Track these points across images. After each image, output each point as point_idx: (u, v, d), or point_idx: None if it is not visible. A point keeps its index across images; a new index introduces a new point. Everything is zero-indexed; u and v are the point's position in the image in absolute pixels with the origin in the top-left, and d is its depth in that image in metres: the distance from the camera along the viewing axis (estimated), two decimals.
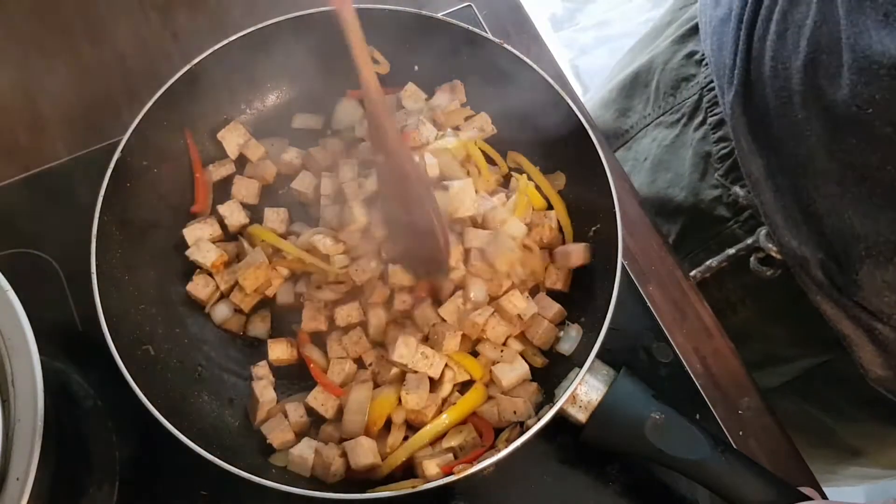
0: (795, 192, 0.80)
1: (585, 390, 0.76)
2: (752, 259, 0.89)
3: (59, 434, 0.64)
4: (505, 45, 0.88)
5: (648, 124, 1.07)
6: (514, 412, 0.78)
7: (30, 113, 1.00)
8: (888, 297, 0.76)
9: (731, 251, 0.91)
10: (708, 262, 0.94)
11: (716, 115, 0.94)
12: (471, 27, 0.89)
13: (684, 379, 0.87)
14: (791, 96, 0.77)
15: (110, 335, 0.74)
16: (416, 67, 0.95)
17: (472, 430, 0.79)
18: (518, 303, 0.82)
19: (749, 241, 0.89)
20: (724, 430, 0.85)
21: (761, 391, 0.88)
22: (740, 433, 0.86)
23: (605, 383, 0.76)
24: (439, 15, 0.92)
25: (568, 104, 0.86)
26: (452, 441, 0.78)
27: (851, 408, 0.96)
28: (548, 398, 0.79)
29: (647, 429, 0.73)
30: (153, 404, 0.72)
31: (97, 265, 0.77)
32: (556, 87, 0.86)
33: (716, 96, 0.93)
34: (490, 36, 0.90)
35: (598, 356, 0.75)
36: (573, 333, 0.82)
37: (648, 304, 0.91)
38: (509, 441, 0.72)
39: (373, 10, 0.90)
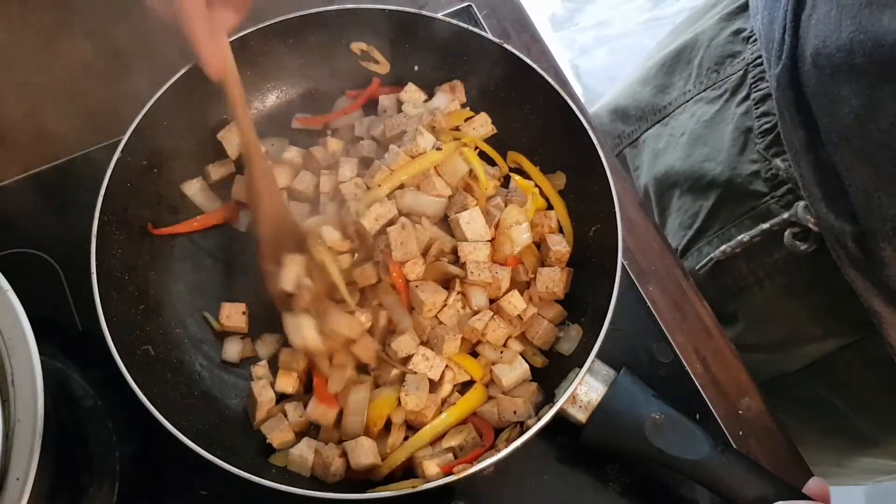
0: (832, 167, 0.80)
1: (585, 390, 0.76)
2: (787, 233, 0.89)
3: (59, 434, 0.64)
4: (505, 45, 0.88)
5: (688, 100, 1.07)
6: (514, 412, 0.78)
7: (30, 113, 1.00)
8: None
9: (766, 225, 0.91)
10: (740, 237, 0.94)
11: (760, 90, 0.94)
12: (471, 27, 0.89)
13: (684, 379, 0.88)
14: (832, 74, 0.77)
15: (110, 335, 0.74)
16: (416, 67, 0.95)
17: (472, 430, 0.79)
18: (518, 303, 0.82)
19: (786, 215, 0.89)
20: (724, 430, 0.85)
21: (775, 376, 0.87)
22: (740, 433, 0.86)
23: (604, 383, 0.76)
24: (439, 15, 0.92)
25: (568, 104, 0.86)
26: (452, 441, 0.78)
27: (872, 393, 0.96)
28: (548, 398, 0.79)
29: (646, 429, 0.73)
30: (153, 404, 0.72)
31: (97, 265, 0.77)
32: (556, 86, 0.86)
33: (761, 72, 0.94)
34: (490, 36, 0.90)
35: (597, 356, 0.76)
36: (573, 333, 0.82)
37: (648, 304, 0.91)
38: (509, 441, 0.72)
39: (373, 10, 0.90)
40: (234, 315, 0.86)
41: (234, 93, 0.79)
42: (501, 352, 0.82)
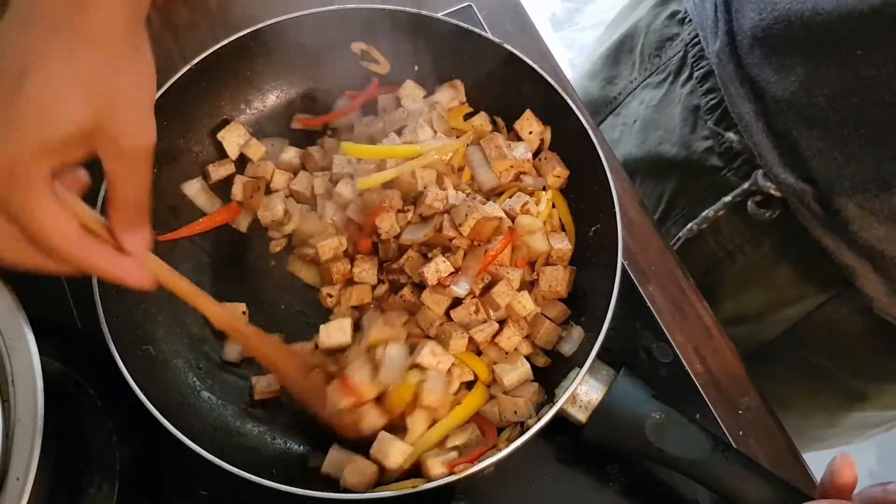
0: (785, 133, 0.81)
1: (585, 390, 0.76)
2: (749, 203, 0.90)
3: (59, 434, 0.64)
4: (504, 45, 0.88)
5: (635, 88, 1.09)
6: (515, 412, 0.78)
7: None
8: (877, 230, 0.77)
9: (728, 198, 0.92)
10: (704, 213, 0.95)
11: (702, 68, 0.96)
12: (471, 27, 0.89)
13: (684, 379, 0.88)
14: (773, 45, 0.79)
15: (111, 336, 0.74)
16: (416, 67, 0.95)
17: (476, 429, 0.79)
18: (528, 304, 0.82)
19: (745, 185, 0.90)
20: (724, 430, 0.85)
21: (759, 346, 0.87)
22: (740, 433, 0.86)
23: (604, 383, 0.76)
24: (439, 15, 0.92)
25: (568, 103, 0.86)
26: (457, 440, 0.78)
27: (854, 347, 0.96)
28: (548, 398, 0.79)
29: (647, 428, 0.73)
30: (154, 405, 0.72)
31: None
32: (556, 86, 0.87)
33: (700, 51, 0.96)
34: (490, 35, 0.90)
35: (597, 356, 0.75)
36: (575, 335, 0.82)
37: (648, 304, 0.91)
38: (510, 441, 0.72)
39: (372, 10, 0.90)
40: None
41: (182, 288, 0.71)
42: (507, 353, 0.82)
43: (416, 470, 0.77)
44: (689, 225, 0.96)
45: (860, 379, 1.00)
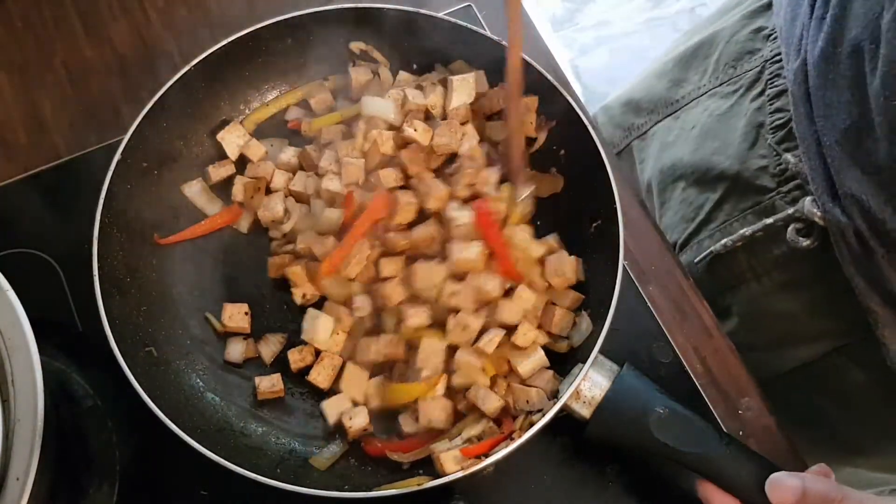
0: (836, 168, 0.81)
1: (589, 386, 0.76)
2: (790, 229, 0.89)
3: (59, 434, 0.64)
4: (505, 44, 0.88)
5: (702, 94, 1.08)
6: (528, 401, 0.78)
7: (30, 113, 1.00)
8: None
9: (770, 220, 0.91)
10: (742, 231, 0.94)
11: (776, 87, 0.95)
12: (471, 26, 0.89)
13: (684, 379, 0.87)
14: (836, 79, 0.78)
15: (113, 338, 0.74)
16: (416, 66, 0.95)
17: (489, 422, 0.79)
18: (527, 296, 0.82)
19: (791, 210, 0.89)
20: (725, 430, 0.85)
21: (768, 379, 0.88)
22: (740, 433, 0.86)
23: (608, 378, 0.76)
24: (439, 14, 0.92)
25: (569, 103, 0.86)
26: (472, 431, 0.78)
27: (863, 399, 0.96)
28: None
29: (651, 423, 0.73)
30: (157, 406, 0.72)
31: (99, 268, 0.77)
32: (557, 86, 0.87)
33: (779, 69, 0.95)
34: (490, 35, 0.90)
35: (600, 351, 0.75)
36: (584, 326, 0.82)
37: (648, 304, 0.91)
38: (514, 438, 0.72)
39: (372, 10, 0.90)
40: (236, 316, 0.86)
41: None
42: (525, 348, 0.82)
43: (427, 467, 0.77)
44: (724, 240, 0.95)
45: (862, 430, 1.00)
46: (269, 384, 0.84)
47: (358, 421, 0.80)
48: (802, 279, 0.92)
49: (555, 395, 0.78)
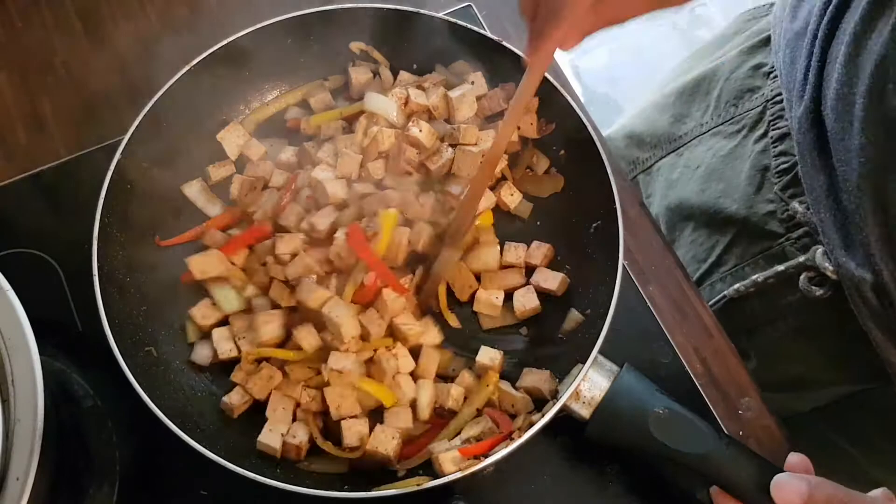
0: (852, 215, 0.79)
1: (588, 386, 0.76)
2: (802, 277, 0.87)
3: (59, 434, 0.64)
4: (504, 44, 0.88)
5: (705, 132, 1.06)
6: (512, 406, 0.78)
7: (30, 113, 1.00)
8: None
9: (781, 268, 0.90)
10: (754, 277, 0.92)
11: (778, 129, 0.93)
12: (471, 26, 0.89)
13: (684, 379, 0.87)
14: (852, 121, 0.76)
15: (113, 338, 0.74)
16: (415, 66, 0.95)
17: (489, 421, 0.79)
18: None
19: (801, 258, 0.87)
20: (725, 430, 0.85)
21: (788, 417, 0.87)
22: (740, 433, 0.86)
23: (608, 379, 0.76)
24: (440, 14, 0.92)
25: (569, 103, 0.86)
26: (471, 431, 0.78)
27: (881, 439, 0.95)
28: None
29: (650, 423, 0.74)
30: (157, 406, 0.72)
31: (99, 268, 0.77)
32: (557, 85, 0.87)
33: (780, 110, 0.93)
34: (490, 35, 0.90)
35: (599, 352, 0.75)
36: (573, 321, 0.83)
37: (648, 304, 0.91)
38: (514, 438, 0.72)
39: (372, 10, 0.90)
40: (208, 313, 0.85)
41: None
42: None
43: (427, 467, 0.77)
44: (737, 286, 0.94)
45: (881, 471, 0.99)
46: (239, 398, 0.81)
47: (300, 436, 0.79)
48: (818, 326, 0.91)
49: (554, 396, 0.78)
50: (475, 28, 0.89)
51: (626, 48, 2.68)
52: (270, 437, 0.78)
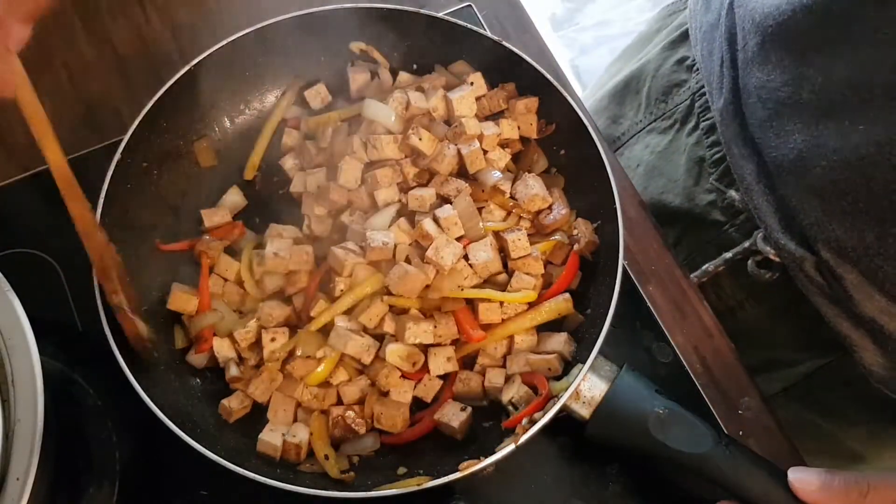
0: (784, 198, 0.80)
1: (588, 386, 0.76)
2: (749, 262, 0.89)
3: (59, 434, 0.64)
4: (505, 44, 0.88)
5: (640, 131, 1.07)
6: (549, 369, 0.79)
7: None
8: (878, 302, 0.76)
9: (728, 255, 0.91)
10: (705, 267, 0.94)
11: (708, 119, 0.94)
12: (471, 26, 0.89)
13: (684, 379, 0.87)
14: (776, 108, 0.77)
15: (113, 338, 0.74)
16: (415, 66, 0.95)
17: (524, 386, 0.79)
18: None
19: (746, 244, 0.89)
20: (725, 431, 0.85)
21: (765, 397, 0.88)
22: (740, 433, 0.86)
23: (608, 379, 0.76)
24: (440, 14, 0.92)
25: (569, 102, 0.86)
26: (509, 394, 0.78)
27: (853, 411, 0.96)
28: (580, 357, 0.79)
29: (650, 423, 0.74)
30: (157, 406, 0.72)
31: None
32: (557, 85, 0.87)
33: (707, 101, 0.94)
34: (490, 35, 0.90)
35: (599, 352, 0.75)
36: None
37: (648, 304, 0.91)
38: (515, 438, 0.72)
39: (372, 10, 0.90)
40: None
41: (31, 109, 0.72)
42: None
43: (427, 467, 0.77)
44: (691, 276, 0.95)
45: (857, 441, 1.00)
46: (238, 403, 0.81)
47: (301, 436, 0.79)
48: (776, 308, 0.92)
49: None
50: (475, 28, 0.89)
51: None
52: (272, 435, 0.78)
